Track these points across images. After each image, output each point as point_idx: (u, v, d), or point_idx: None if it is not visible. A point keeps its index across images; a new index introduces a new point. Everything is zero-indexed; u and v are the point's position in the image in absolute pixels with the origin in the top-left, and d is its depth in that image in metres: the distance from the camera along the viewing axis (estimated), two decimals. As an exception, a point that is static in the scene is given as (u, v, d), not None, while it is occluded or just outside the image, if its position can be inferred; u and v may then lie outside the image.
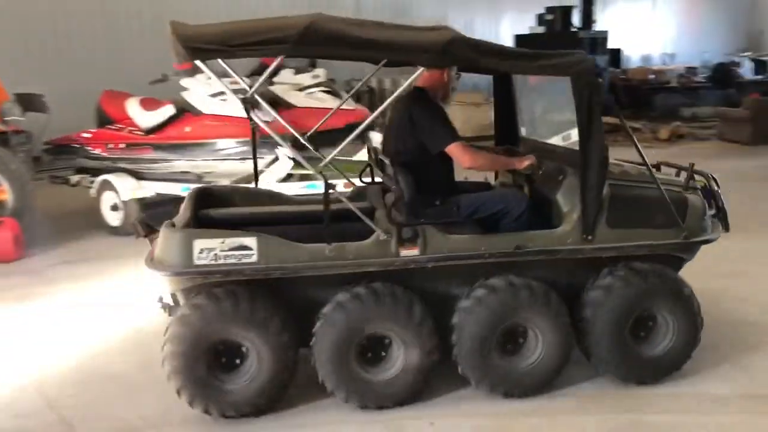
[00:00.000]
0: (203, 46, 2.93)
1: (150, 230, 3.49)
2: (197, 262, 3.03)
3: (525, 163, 3.57)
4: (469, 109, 11.73)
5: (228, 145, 6.85)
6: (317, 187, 6.68)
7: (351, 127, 7.82)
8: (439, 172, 3.55)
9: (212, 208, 3.65)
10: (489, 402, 3.35)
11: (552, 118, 4.17)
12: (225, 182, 6.97)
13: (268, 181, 6.81)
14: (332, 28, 2.96)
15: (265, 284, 3.15)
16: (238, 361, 3.18)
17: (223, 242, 3.02)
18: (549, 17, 15.55)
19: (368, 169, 3.81)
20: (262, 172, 6.94)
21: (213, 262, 3.03)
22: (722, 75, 16.89)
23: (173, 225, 3.19)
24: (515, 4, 18.35)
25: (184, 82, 7.09)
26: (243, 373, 3.17)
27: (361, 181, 3.96)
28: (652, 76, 17.48)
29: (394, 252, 3.13)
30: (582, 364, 3.55)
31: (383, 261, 3.13)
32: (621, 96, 15.89)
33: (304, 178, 6.95)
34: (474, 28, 17.61)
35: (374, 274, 3.17)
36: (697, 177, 3.69)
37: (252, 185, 4.29)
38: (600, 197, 3.26)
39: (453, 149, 3.42)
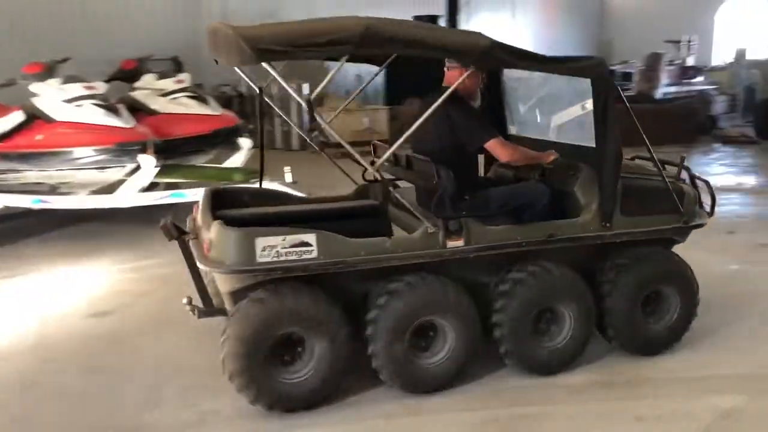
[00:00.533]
0: (271, 47, 2.93)
1: (181, 232, 3.54)
2: (260, 259, 3.08)
3: (551, 157, 3.81)
4: (341, 114, 11.73)
5: (85, 153, 6.46)
6: (186, 196, 6.44)
7: (217, 133, 7.71)
8: (469, 168, 3.81)
9: (225, 208, 3.62)
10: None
11: (538, 117, 4.49)
12: (82, 193, 6.60)
13: (130, 191, 6.51)
14: (388, 30, 3.11)
15: (322, 278, 3.24)
16: (296, 356, 3.26)
17: (284, 239, 3.10)
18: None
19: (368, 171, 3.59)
20: (123, 181, 6.63)
21: (275, 259, 3.09)
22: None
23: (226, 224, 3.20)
24: (384, 12, 18.66)
25: (34, 87, 6.62)
26: (302, 367, 3.25)
27: (364, 180, 4.09)
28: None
29: (442, 243, 3.31)
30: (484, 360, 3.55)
31: (433, 252, 3.31)
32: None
33: (169, 187, 6.69)
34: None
35: (416, 265, 3.34)
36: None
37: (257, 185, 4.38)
38: (615, 189, 3.57)
39: (492, 144, 3.68)
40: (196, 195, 5.36)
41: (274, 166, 5.80)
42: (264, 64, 3.02)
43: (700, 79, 17.73)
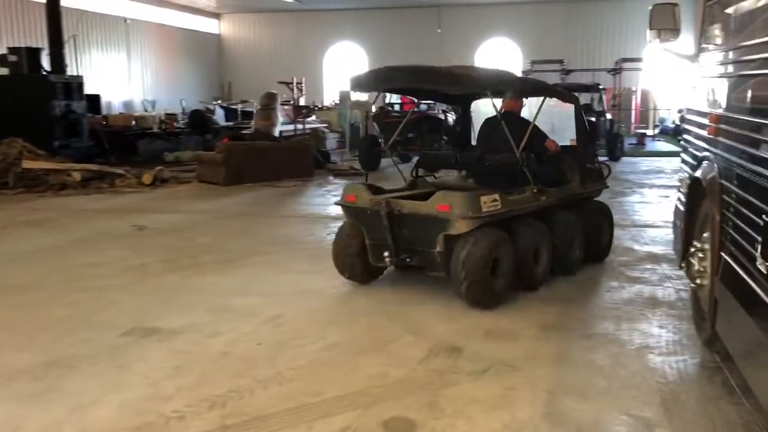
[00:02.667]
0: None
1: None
2: (484, 211, 5.02)
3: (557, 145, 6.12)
4: None
5: None
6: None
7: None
8: (538, 157, 5.88)
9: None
10: None
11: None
12: None
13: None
14: (475, 74, 5.58)
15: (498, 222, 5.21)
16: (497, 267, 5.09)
17: (488, 198, 5.10)
18: (12, 58, 14.22)
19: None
20: None
21: (488, 211, 5.05)
22: (199, 121, 18.04)
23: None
24: None
25: None
26: (501, 274, 5.12)
27: (413, 176, 6.20)
28: (134, 123, 17.60)
29: (538, 198, 5.56)
30: None
31: (536, 204, 5.54)
32: (104, 142, 15.55)
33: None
34: None
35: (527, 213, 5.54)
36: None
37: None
38: (586, 169, 6.24)
39: (548, 142, 6.00)
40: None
41: None
42: None
43: (312, 117, 19.26)
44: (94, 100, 17.65)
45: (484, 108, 6.34)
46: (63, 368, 4.03)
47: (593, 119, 14.62)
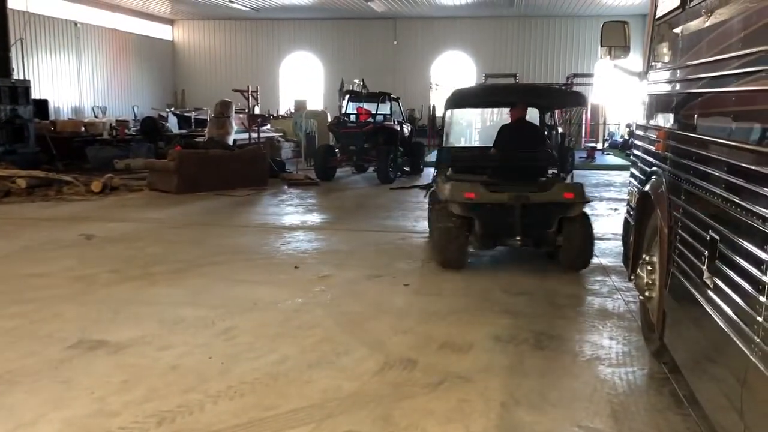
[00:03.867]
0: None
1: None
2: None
3: None
4: None
5: None
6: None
7: None
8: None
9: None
10: None
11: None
12: None
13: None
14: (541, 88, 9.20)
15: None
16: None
17: None
18: (-44, 61, 13.75)
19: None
20: None
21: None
22: (151, 128, 17.71)
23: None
24: None
25: None
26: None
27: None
28: (83, 129, 17.18)
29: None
30: None
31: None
32: (52, 148, 15.13)
33: None
34: None
35: None
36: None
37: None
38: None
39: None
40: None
41: None
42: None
43: (268, 126, 19.11)
44: (42, 105, 17.19)
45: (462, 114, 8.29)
46: (3, 384, 3.87)
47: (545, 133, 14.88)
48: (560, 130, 17.02)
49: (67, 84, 21.85)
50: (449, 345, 4.60)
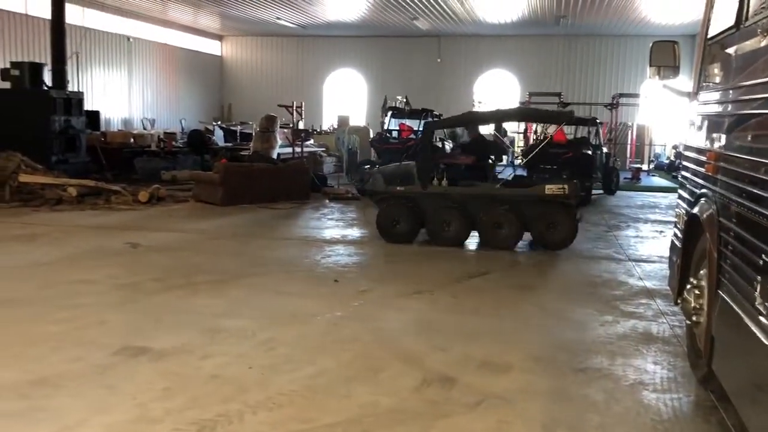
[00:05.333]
0: None
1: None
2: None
3: None
4: None
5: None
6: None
7: None
8: None
9: None
10: None
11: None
12: None
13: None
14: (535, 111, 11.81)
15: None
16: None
17: None
18: (15, 72, 14.27)
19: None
20: None
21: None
22: (197, 141, 18.07)
23: None
24: None
25: None
26: None
27: None
28: (132, 140, 17.62)
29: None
30: None
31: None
32: (102, 159, 15.55)
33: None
34: None
35: None
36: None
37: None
38: None
39: None
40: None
41: None
42: None
43: (311, 141, 19.31)
44: (94, 116, 17.69)
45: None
46: (49, 387, 3.96)
47: (589, 152, 14.72)
48: (605, 150, 16.87)
49: (118, 96, 22.47)
50: (488, 364, 4.54)
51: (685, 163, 4.87)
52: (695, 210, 4.07)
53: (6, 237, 8.60)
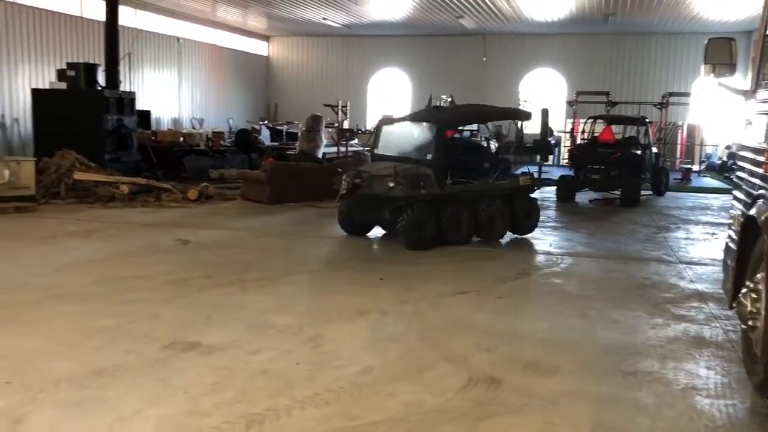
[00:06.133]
0: None
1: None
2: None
3: None
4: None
5: None
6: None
7: None
8: None
9: None
10: None
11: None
12: None
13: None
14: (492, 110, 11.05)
15: None
16: None
17: None
18: (71, 73, 14.70)
19: None
20: None
21: None
22: (245, 140, 18.33)
23: None
24: (31, 56, 16.97)
25: None
26: None
27: None
28: (182, 139, 17.98)
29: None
30: None
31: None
32: (152, 157, 15.91)
33: None
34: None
35: None
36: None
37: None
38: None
39: None
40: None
41: None
42: None
43: (355, 141, 19.40)
44: (145, 115, 18.10)
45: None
46: (105, 378, 4.09)
47: (638, 152, 14.43)
48: (655, 149, 16.52)
49: (168, 96, 22.94)
50: (534, 366, 4.51)
51: (740, 163, 4.75)
52: (752, 212, 3.97)
53: (62, 233, 8.88)
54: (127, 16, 19.04)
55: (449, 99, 18.50)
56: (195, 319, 5.35)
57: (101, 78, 14.87)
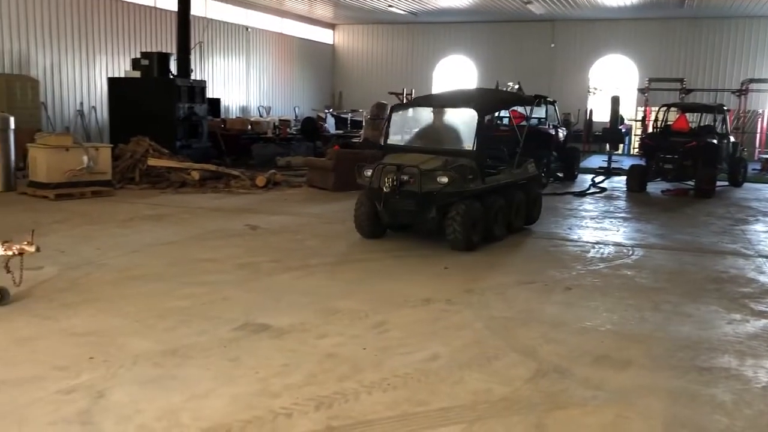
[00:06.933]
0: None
1: None
2: None
3: None
4: (57, 152, 10.59)
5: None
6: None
7: None
8: None
9: None
10: None
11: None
12: None
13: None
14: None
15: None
16: None
17: None
18: (145, 62, 15.16)
19: None
20: None
21: None
22: (310, 128, 18.53)
23: None
24: (108, 46, 17.59)
25: None
26: None
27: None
28: (249, 127, 18.31)
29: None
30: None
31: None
32: (222, 144, 16.28)
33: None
34: (62, 67, 16.30)
35: None
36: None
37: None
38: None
39: None
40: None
41: None
42: None
43: (420, 128, 19.30)
44: (215, 103, 18.52)
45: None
46: (180, 357, 4.22)
47: (714, 141, 13.88)
48: (732, 139, 15.85)
49: (236, 84, 23.41)
50: (605, 359, 4.42)
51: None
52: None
53: (137, 217, 9.20)
54: (198, 6, 19.50)
55: (517, 86, 18.20)
56: (264, 302, 5.46)
57: (173, 67, 15.28)
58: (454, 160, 7.59)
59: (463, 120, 8.06)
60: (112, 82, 15.48)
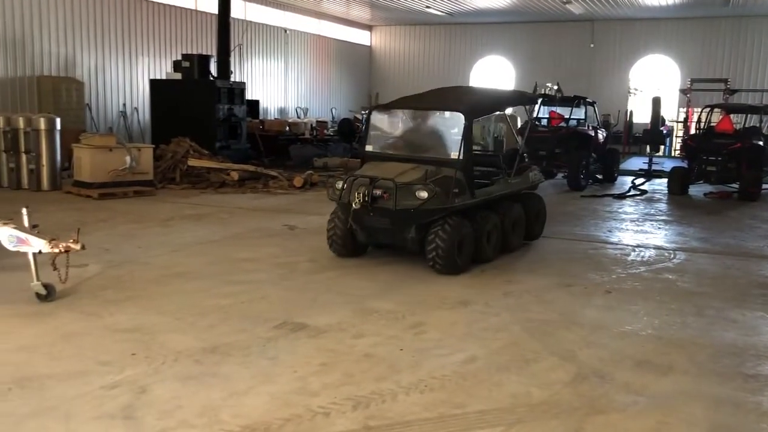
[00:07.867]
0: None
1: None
2: None
3: None
4: (101, 153, 10.83)
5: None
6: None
7: None
8: None
9: None
10: None
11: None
12: None
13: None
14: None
15: None
16: None
17: None
18: (186, 64, 15.42)
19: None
20: None
21: None
22: (347, 129, 18.62)
23: None
24: (150, 48, 17.92)
25: None
26: None
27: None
28: (287, 128, 18.48)
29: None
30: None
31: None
32: (260, 145, 16.46)
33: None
34: (105, 69, 16.66)
35: None
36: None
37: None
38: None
39: None
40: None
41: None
42: None
43: (457, 129, 19.23)
44: (254, 105, 18.72)
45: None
46: (220, 355, 4.29)
47: (761, 143, 13.52)
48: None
49: (275, 86, 23.64)
50: (646, 363, 4.35)
51: None
52: None
53: (178, 216, 9.35)
54: (237, 9, 19.73)
55: (556, 87, 18.01)
56: (302, 301, 5.50)
57: (213, 68, 15.51)
58: (437, 171, 6.56)
59: (449, 125, 7.04)
60: (154, 84, 15.78)
